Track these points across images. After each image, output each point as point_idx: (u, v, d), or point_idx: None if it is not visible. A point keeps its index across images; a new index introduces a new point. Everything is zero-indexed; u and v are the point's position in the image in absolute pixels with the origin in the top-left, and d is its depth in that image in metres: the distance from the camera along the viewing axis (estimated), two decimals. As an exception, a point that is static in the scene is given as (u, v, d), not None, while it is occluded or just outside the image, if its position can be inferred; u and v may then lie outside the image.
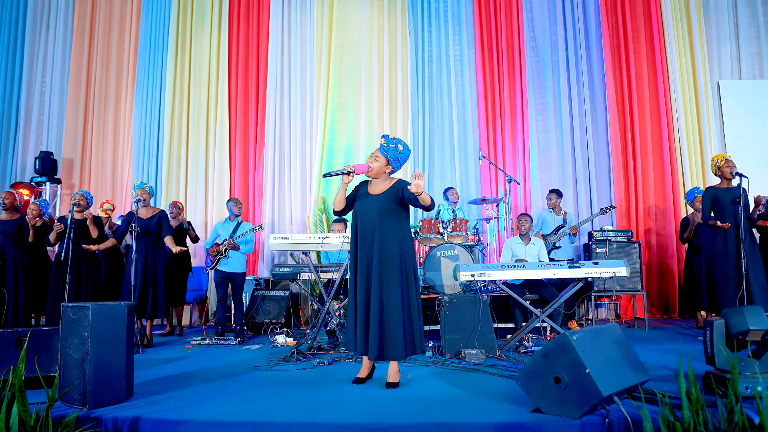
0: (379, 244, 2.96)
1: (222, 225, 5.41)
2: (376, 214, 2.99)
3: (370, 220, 3.00)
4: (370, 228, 2.99)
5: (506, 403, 2.58)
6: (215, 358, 4.17)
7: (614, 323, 2.73)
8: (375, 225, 2.99)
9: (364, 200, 3.07)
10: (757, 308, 2.62)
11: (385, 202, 3.02)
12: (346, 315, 3.10)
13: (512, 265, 3.96)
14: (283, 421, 2.38)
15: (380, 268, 2.94)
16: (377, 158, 3.07)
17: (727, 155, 4.50)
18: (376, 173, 3.08)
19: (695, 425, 1.97)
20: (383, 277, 2.94)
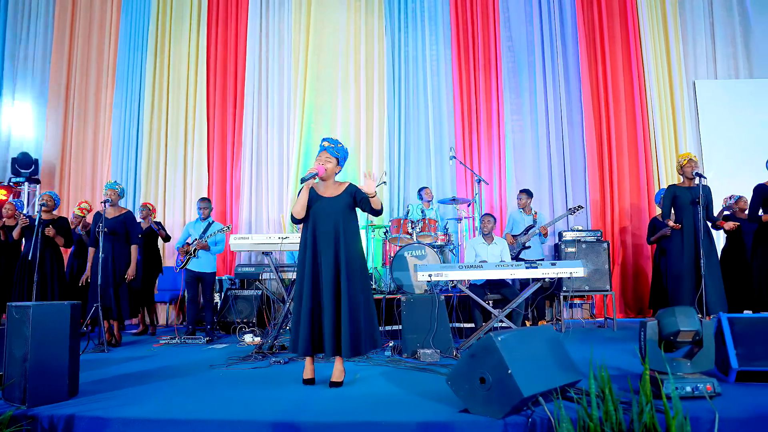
0: (344, 246, 3.03)
1: (193, 225, 5.45)
2: (339, 216, 3.05)
3: (332, 222, 3.04)
4: (333, 230, 3.04)
5: (439, 403, 2.60)
6: (177, 357, 4.22)
7: (548, 325, 2.76)
8: (339, 227, 3.04)
9: (319, 203, 3.09)
10: (690, 309, 2.64)
11: (344, 204, 3.08)
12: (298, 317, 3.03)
13: (470, 266, 3.99)
14: (212, 419, 2.42)
15: (347, 269, 3.01)
16: (329, 159, 3.12)
17: (692, 155, 4.51)
18: (329, 175, 3.13)
19: (602, 425, 1.99)
20: (350, 277, 3.01)
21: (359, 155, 6.77)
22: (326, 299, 2.97)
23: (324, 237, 3.03)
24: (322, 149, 3.13)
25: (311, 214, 3.08)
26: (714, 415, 2.34)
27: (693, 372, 2.62)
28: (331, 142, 3.15)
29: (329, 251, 3.01)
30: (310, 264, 3.03)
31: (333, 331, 2.95)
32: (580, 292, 5.35)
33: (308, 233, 3.08)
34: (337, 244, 3.02)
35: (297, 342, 3.02)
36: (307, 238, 3.07)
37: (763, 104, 6.54)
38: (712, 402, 2.46)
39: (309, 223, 3.08)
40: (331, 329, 2.95)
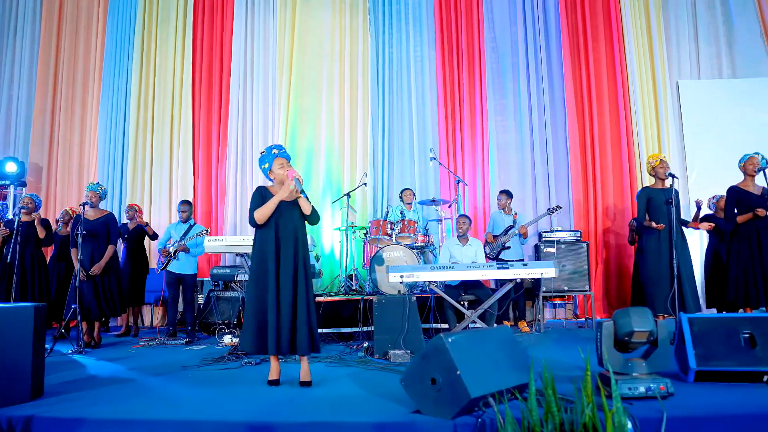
0: (302, 248, 3.17)
1: (174, 227, 5.49)
2: (297, 221, 3.18)
3: (292, 226, 3.15)
4: (293, 232, 3.15)
5: (396, 404, 2.62)
6: (153, 358, 4.25)
7: (505, 326, 2.78)
8: (298, 230, 3.17)
9: (280, 206, 3.15)
10: (644, 309, 2.66)
11: (299, 209, 3.21)
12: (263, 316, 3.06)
13: (441, 267, 4.01)
14: (170, 419, 2.45)
15: (304, 270, 3.15)
16: (290, 165, 3.26)
17: (662, 155, 4.53)
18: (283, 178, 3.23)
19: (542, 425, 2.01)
20: (307, 278, 3.15)
21: (344, 156, 6.79)
22: (285, 299, 3.06)
23: (286, 239, 3.12)
24: (276, 156, 3.24)
25: (271, 216, 3.14)
26: (670, 415, 2.36)
27: (649, 372, 2.64)
28: (281, 147, 3.30)
29: (290, 253, 3.11)
30: (273, 265, 3.09)
31: (290, 330, 3.05)
32: (560, 292, 5.36)
33: (270, 235, 3.13)
34: (296, 247, 3.15)
35: (257, 341, 3.06)
36: (268, 240, 3.12)
37: (746, 104, 6.53)
38: (663, 402, 2.47)
39: (270, 224, 3.14)
40: (289, 327, 3.04)
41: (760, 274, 4.09)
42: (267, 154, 3.26)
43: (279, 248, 3.11)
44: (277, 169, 3.20)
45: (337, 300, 4.97)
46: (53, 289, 5.48)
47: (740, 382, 2.82)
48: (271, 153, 3.25)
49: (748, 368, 2.79)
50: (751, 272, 4.14)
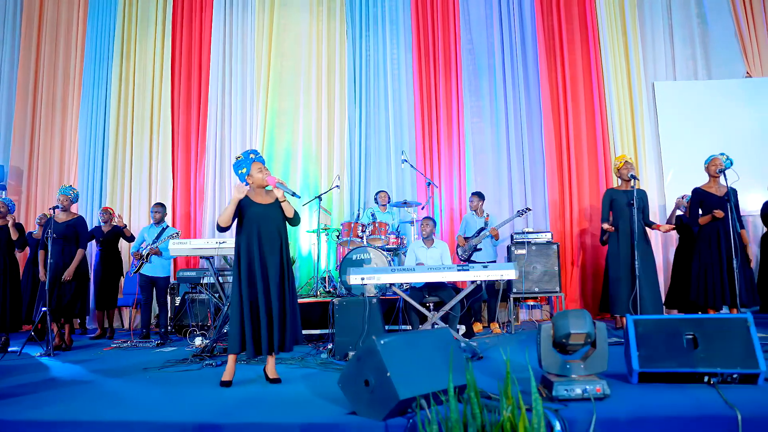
0: (285, 250, 3.29)
1: (147, 229, 5.53)
2: (279, 222, 3.28)
3: (275, 227, 3.25)
4: (277, 234, 3.26)
5: (336, 405, 2.64)
6: (119, 360, 4.28)
7: (446, 328, 2.80)
8: (281, 231, 3.28)
9: (257, 209, 3.25)
10: (582, 312, 2.68)
11: (280, 210, 3.29)
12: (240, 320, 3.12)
13: (402, 269, 4.03)
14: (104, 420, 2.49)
15: (288, 271, 3.28)
16: (267, 170, 3.36)
17: (628, 157, 4.56)
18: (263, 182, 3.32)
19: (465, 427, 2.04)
20: (290, 278, 3.29)
21: (321, 159, 6.82)
22: (273, 299, 3.17)
23: (270, 240, 3.22)
24: (253, 161, 3.31)
25: (252, 219, 3.23)
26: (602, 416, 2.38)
27: (587, 374, 2.66)
28: (257, 152, 3.38)
29: (275, 254, 3.22)
30: (258, 266, 3.18)
31: (279, 328, 3.17)
32: (531, 293, 5.37)
33: (252, 237, 3.20)
34: (281, 248, 3.26)
35: (241, 342, 3.13)
36: (251, 242, 3.20)
37: (721, 105, 6.53)
38: (601, 403, 2.50)
39: (252, 228, 3.22)
40: (278, 326, 3.16)
41: (719, 274, 4.10)
42: (244, 159, 3.32)
43: (263, 251, 3.19)
44: (256, 173, 3.28)
45: (308, 302, 5.00)
46: (29, 291, 5.53)
47: (683, 383, 2.83)
48: (248, 158, 3.32)
49: (688, 369, 2.80)
50: (710, 273, 4.16)
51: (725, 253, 4.06)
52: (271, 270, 3.17)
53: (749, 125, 6.52)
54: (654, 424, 2.37)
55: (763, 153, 6.41)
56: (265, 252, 3.18)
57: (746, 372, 2.74)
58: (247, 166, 3.27)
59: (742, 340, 2.82)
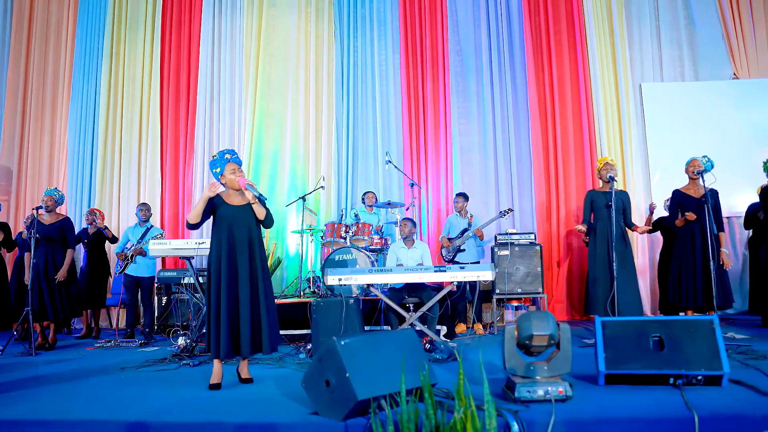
0: (258, 251, 3.27)
1: (132, 229, 5.56)
2: (252, 223, 3.27)
3: (246, 228, 3.24)
4: (247, 236, 3.24)
5: (301, 405, 2.66)
6: (99, 359, 4.31)
7: (411, 329, 2.81)
8: (252, 232, 3.26)
9: (228, 210, 3.24)
10: (545, 314, 2.69)
11: (252, 212, 3.28)
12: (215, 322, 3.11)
13: (379, 270, 4.05)
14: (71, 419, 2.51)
15: (261, 272, 3.25)
16: (242, 171, 3.36)
17: (609, 159, 4.57)
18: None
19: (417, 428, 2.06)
20: (264, 279, 3.26)
21: (308, 160, 6.84)
22: (244, 301, 3.15)
23: (240, 242, 3.21)
24: (228, 161, 3.30)
25: (224, 220, 3.23)
26: (562, 418, 2.40)
27: (550, 376, 2.67)
28: (233, 152, 3.37)
29: (245, 255, 3.20)
30: (226, 268, 3.16)
31: (251, 332, 3.15)
32: (513, 294, 5.38)
33: (223, 238, 3.20)
34: (252, 249, 3.24)
35: (218, 345, 3.11)
36: (222, 244, 3.20)
37: (708, 106, 6.53)
38: (557, 405, 2.50)
39: (223, 228, 3.22)
40: (249, 330, 3.14)
41: (692, 275, 4.11)
42: (219, 158, 3.31)
43: (234, 252, 3.18)
44: (228, 174, 3.27)
45: (290, 302, 5.02)
46: (15, 291, 5.56)
47: (650, 385, 2.84)
48: (224, 158, 3.31)
49: (653, 371, 2.81)
50: (685, 274, 4.17)
51: (701, 254, 4.07)
52: (241, 272, 3.16)
53: (736, 127, 6.52)
54: (612, 426, 2.38)
55: (750, 154, 6.40)
56: (235, 253, 3.17)
57: (710, 374, 2.75)
58: (222, 166, 3.26)
59: (708, 341, 2.83)
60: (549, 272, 6.47)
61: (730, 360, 3.47)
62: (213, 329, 3.12)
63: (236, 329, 3.12)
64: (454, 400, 2.65)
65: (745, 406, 2.43)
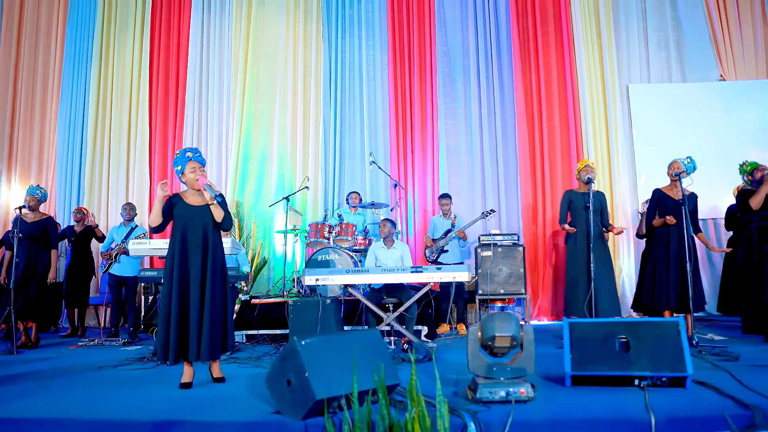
0: (212, 253, 3.17)
1: (117, 229, 5.59)
2: (207, 224, 3.19)
3: (198, 230, 3.16)
4: (201, 237, 3.16)
5: (266, 404, 2.68)
6: (80, 358, 4.33)
7: (375, 330, 2.83)
8: (207, 234, 3.18)
9: (185, 210, 3.19)
10: (509, 315, 2.70)
11: (211, 213, 3.21)
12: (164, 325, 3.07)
13: (356, 270, 4.07)
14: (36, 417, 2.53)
15: (213, 275, 3.15)
16: (202, 170, 3.27)
17: (588, 161, 4.58)
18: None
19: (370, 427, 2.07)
20: (215, 283, 3.16)
21: (296, 160, 6.87)
22: (194, 304, 3.08)
23: (194, 243, 3.14)
24: (189, 160, 3.22)
25: (179, 219, 3.18)
26: (521, 419, 2.41)
27: (514, 377, 2.68)
28: (196, 151, 3.28)
29: (198, 257, 3.13)
30: (178, 269, 3.12)
31: (198, 336, 3.07)
32: (496, 295, 5.39)
33: (177, 238, 3.16)
34: (205, 251, 3.16)
35: (164, 348, 3.07)
36: (176, 243, 3.15)
37: (695, 108, 6.54)
38: (520, 406, 2.52)
39: (178, 228, 3.18)
40: (196, 334, 3.07)
41: (665, 277, 4.12)
42: (180, 156, 3.23)
43: (186, 253, 3.13)
44: (188, 173, 3.19)
45: (271, 302, 5.03)
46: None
47: (616, 386, 2.85)
48: (185, 156, 3.22)
49: (618, 373, 2.82)
50: (659, 275, 4.18)
51: (676, 256, 4.07)
52: (192, 273, 3.09)
53: (723, 128, 6.52)
54: (571, 427, 2.39)
55: (736, 156, 6.35)
56: (187, 254, 3.11)
57: (674, 375, 2.76)
58: (182, 165, 3.19)
59: (673, 343, 2.84)
60: (535, 273, 6.49)
61: (702, 361, 3.53)
62: (161, 331, 3.07)
63: (184, 333, 3.04)
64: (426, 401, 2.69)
65: (704, 408, 2.44)
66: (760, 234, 4.23)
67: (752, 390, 2.69)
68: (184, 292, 3.10)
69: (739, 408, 2.44)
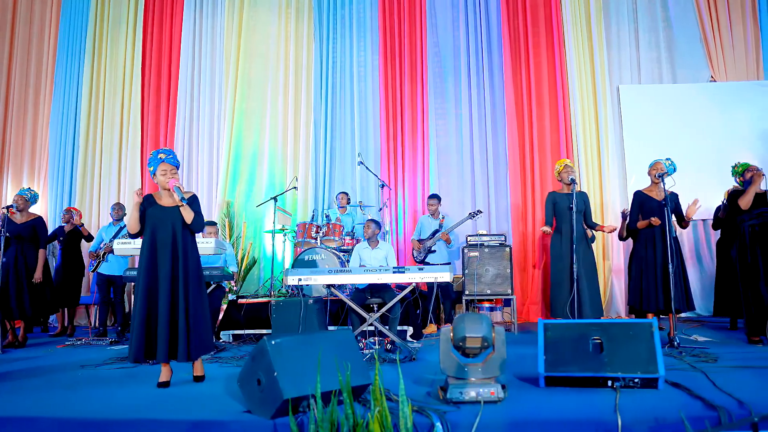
0: (182, 253, 3.17)
1: (106, 229, 5.61)
2: (177, 225, 3.18)
3: (170, 230, 3.16)
4: (170, 238, 3.16)
5: (239, 403, 2.69)
6: (65, 357, 4.35)
7: (348, 329, 2.84)
8: (177, 235, 3.17)
9: (155, 211, 3.19)
10: (481, 316, 2.71)
11: (179, 215, 3.19)
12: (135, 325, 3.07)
13: (338, 270, 4.08)
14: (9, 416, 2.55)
15: (184, 276, 3.15)
16: (173, 170, 3.26)
17: (568, 161, 4.59)
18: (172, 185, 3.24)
19: (337, 426, 2.09)
20: (187, 284, 3.16)
21: (287, 160, 6.89)
22: (162, 306, 3.07)
23: (163, 244, 3.14)
24: (162, 161, 3.21)
25: (150, 219, 3.18)
26: (489, 419, 2.42)
27: (485, 377, 2.69)
28: (169, 153, 3.28)
29: (167, 258, 3.12)
30: (145, 271, 3.12)
31: (167, 337, 3.07)
32: (483, 296, 5.39)
33: (146, 243, 3.17)
34: (175, 252, 3.15)
35: (134, 348, 3.08)
36: (145, 244, 3.16)
37: (685, 109, 6.53)
38: (490, 407, 2.54)
39: (148, 229, 3.18)
40: (165, 336, 3.06)
41: (653, 278, 4.12)
42: (153, 158, 3.24)
43: (155, 254, 3.13)
44: (159, 175, 3.19)
45: (258, 302, 5.05)
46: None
47: (589, 387, 2.85)
48: (157, 158, 3.22)
49: (591, 374, 2.83)
50: (646, 277, 4.18)
51: (662, 258, 4.07)
52: (161, 274, 3.09)
53: (713, 129, 6.51)
54: (537, 428, 2.40)
55: (726, 157, 6.36)
56: (156, 255, 3.11)
57: (646, 377, 2.77)
58: (155, 166, 3.20)
59: (646, 345, 2.84)
60: (525, 273, 6.49)
61: (681, 363, 3.54)
62: (132, 331, 3.08)
63: (152, 334, 3.05)
64: (390, 400, 2.70)
65: (674, 409, 2.44)
66: (753, 234, 4.21)
67: (723, 391, 2.70)
68: (151, 293, 3.10)
69: (707, 409, 2.45)
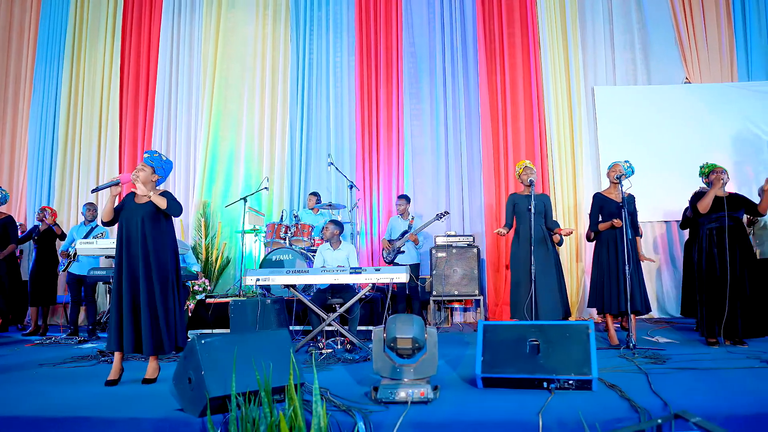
0: (153, 249, 3.25)
1: (77, 229, 5.65)
2: (145, 220, 3.26)
3: (139, 226, 3.26)
4: (141, 233, 3.25)
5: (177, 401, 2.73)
6: (28, 356, 4.39)
7: (284, 330, 2.87)
8: (146, 230, 3.26)
9: (127, 207, 3.33)
10: (412, 317, 2.73)
11: (151, 208, 3.29)
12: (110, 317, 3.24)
13: (297, 270, 4.12)
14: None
15: (154, 271, 3.23)
16: (143, 168, 3.37)
17: (527, 162, 4.60)
18: (143, 182, 3.31)
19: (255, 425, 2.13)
20: (156, 279, 3.24)
21: (263, 160, 6.92)
22: (127, 298, 3.18)
23: (132, 240, 3.25)
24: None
25: (122, 217, 3.30)
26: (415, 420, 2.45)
27: (417, 378, 2.71)
28: (149, 154, 3.43)
29: (137, 254, 3.23)
30: (117, 264, 3.25)
31: (133, 330, 3.18)
32: (450, 296, 5.42)
33: (118, 235, 3.29)
34: (145, 247, 3.25)
35: (108, 339, 3.25)
36: (117, 240, 3.30)
37: (660, 110, 6.53)
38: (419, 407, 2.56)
39: (121, 227, 3.30)
40: (131, 328, 3.18)
41: (615, 280, 4.13)
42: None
43: (122, 249, 3.25)
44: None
45: (226, 302, 5.08)
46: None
47: (526, 389, 2.88)
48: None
49: (525, 375, 2.85)
50: (608, 279, 4.19)
51: (621, 259, 4.08)
52: (126, 268, 3.20)
53: (687, 131, 6.52)
54: (462, 428, 2.43)
55: (700, 158, 6.33)
56: (123, 250, 3.23)
57: (580, 378, 2.79)
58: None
59: (581, 347, 2.87)
60: (498, 274, 6.50)
61: (630, 364, 3.56)
62: (109, 323, 3.26)
63: (120, 326, 3.17)
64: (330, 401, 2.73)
65: (598, 411, 2.47)
66: (710, 236, 4.21)
67: (655, 393, 2.72)
68: (120, 286, 3.22)
69: (631, 410, 2.48)
